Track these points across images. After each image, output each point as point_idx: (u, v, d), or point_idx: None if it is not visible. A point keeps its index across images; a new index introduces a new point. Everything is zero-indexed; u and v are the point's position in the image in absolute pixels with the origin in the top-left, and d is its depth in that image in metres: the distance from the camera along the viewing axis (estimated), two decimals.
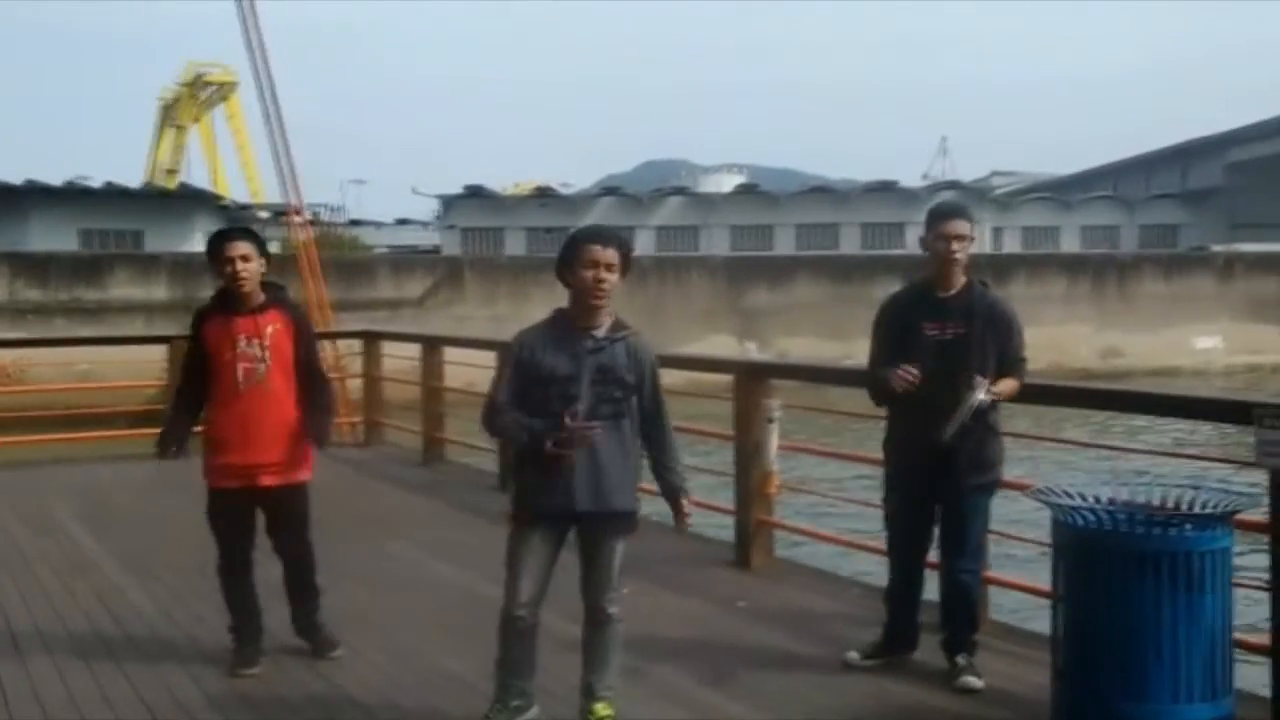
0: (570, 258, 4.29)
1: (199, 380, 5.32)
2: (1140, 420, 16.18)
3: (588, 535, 4.37)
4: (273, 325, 5.29)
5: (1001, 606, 6.28)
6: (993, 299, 5.03)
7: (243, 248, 5.25)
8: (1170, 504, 4.23)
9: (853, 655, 5.29)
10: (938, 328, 4.96)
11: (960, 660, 5.01)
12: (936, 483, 4.99)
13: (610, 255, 4.28)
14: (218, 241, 5.31)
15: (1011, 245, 53.85)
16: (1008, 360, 4.97)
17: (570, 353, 4.26)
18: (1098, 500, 4.27)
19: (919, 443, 4.92)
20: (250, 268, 5.24)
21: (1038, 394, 5.44)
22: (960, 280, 5.03)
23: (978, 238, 5.14)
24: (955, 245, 4.98)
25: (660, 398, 4.43)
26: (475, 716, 4.46)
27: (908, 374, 4.86)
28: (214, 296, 5.40)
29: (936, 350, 4.91)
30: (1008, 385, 4.93)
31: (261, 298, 5.31)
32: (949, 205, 5.27)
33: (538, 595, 4.33)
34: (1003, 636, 5.63)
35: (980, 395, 4.77)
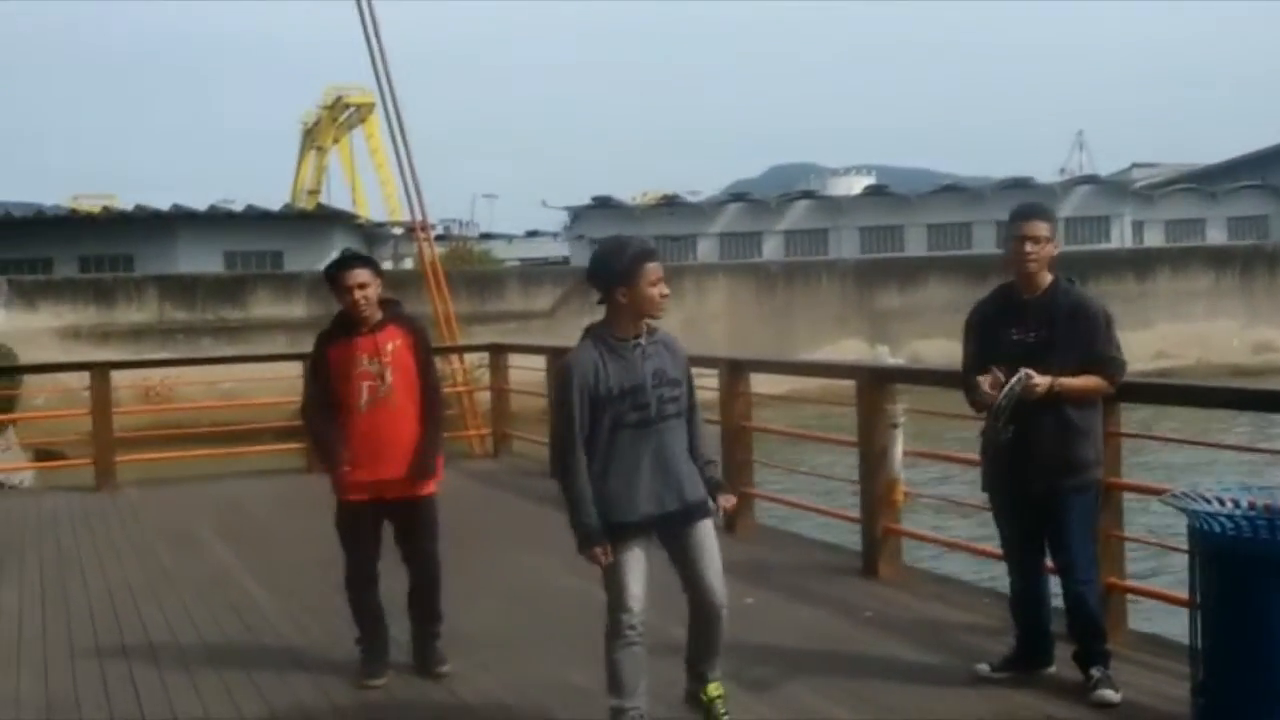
0: (632, 277, 4.32)
1: (325, 403, 5.41)
2: None
3: (676, 533, 4.42)
4: (392, 342, 5.38)
5: (1153, 615, 6.05)
6: (1076, 297, 4.85)
7: (360, 276, 5.34)
8: None
9: (983, 667, 5.13)
10: (1022, 331, 4.82)
11: (1095, 673, 4.81)
12: (1028, 487, 4.84)
13: (663, 270, 4.38)
14: (335, 270, 5.42)
15: (1154, 239, 52.28)
16: (1092, 358, 4.77)
17: (627, 364, 4.34)
18: (1236, 505, 4.07)
19: (1005, 448, 4.77)
20: (368, 294, 5.35)
21: (1135, 393, 5.27)
22: (1044, 281, 4.87)
23: (1058, 239, 4.98)
24: (1029, 246, 4.82)
25: (694, 389, 4.56)
26: None
27: (995, 379, 4.70)
28: (334, 319, 5.51)
29: (1022, 354, 4.75)
30: (1076, 381, 4.72)
31: (379, 316, 5.40)
32: (1025, 206, 5.10)
33: (645, 601, 4.37)
34: (1145, 647, 5.41)
35: (1008, 387, 4.61)
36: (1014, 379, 4.64)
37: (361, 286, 5.32)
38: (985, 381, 4.72)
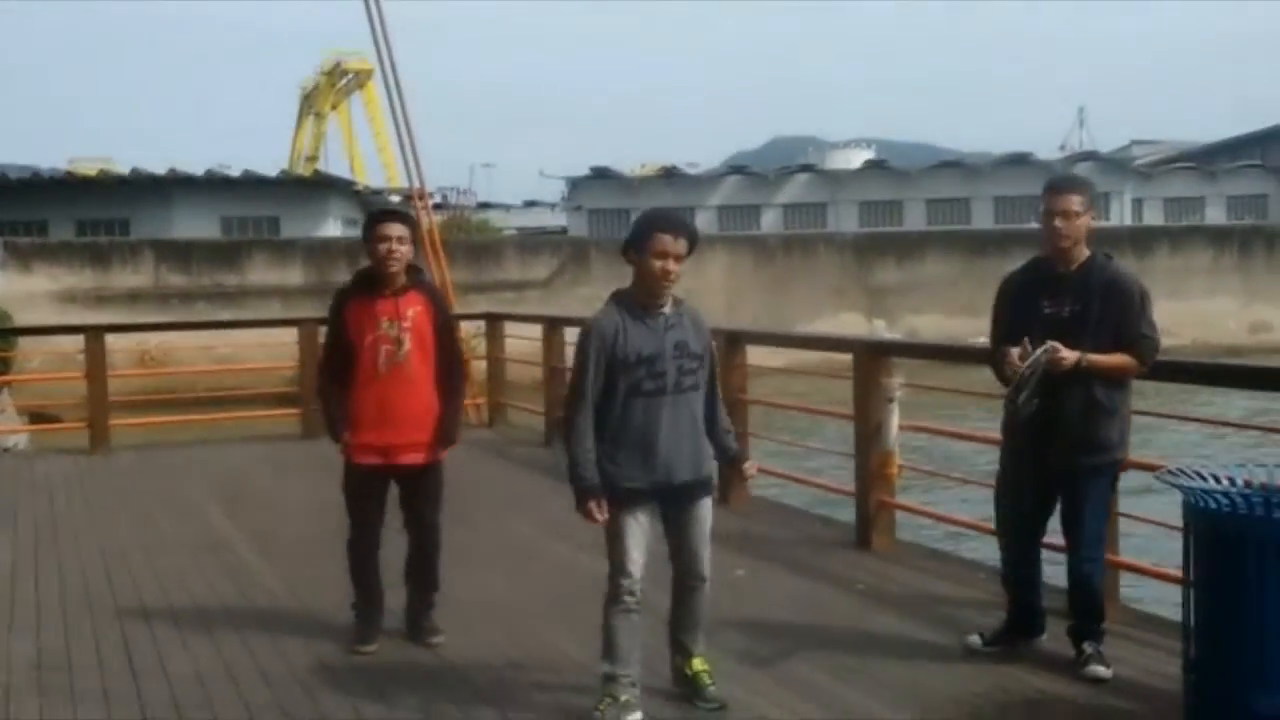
0: (641, 244, 4.35)
1: (342, 362, 5.36)
2: None
3: (679, 504, 4.47)
4: (414, 308, 5.34)
5: (1150, 595, 6.05)
6: (1113, 273, 4.79)
7: (399, 230, 5.30)
8: None
9: (974, 640, 5.15)
10: (1055, 305, 4.77)
11: (1087, 648, 4.82)
12: (1049, 463, 4.81)
13: (680, 246, 4.36)
14: (374, 222, 5.37)
15: (1153, 217, 52.14)
16: (1124, 336, 4.73)
17: (649, 332, 4.36)
18: (1232, 482, 4.06)
19: (1028, 423, 4.73)
20: (403, 250, 5.31)
21: (1168, 371, 5.22)
22: (1080, 255, 4.81)
23: (1099, 211, 4.93)
24: (1059, 222, 4.75)
25: (716, 365, 4.62)
26: (587, 694, 4.48)
27: (1026, 351, 4.67)
28: (354, 278, 5.46)
29: (1054, 328, 4.70)
30: (1106, 358, 4.66)
31: (403, 280, 5.36)
32: (1058, 178, 5.07)
33: (645, 569, 4.39)
34: (1137, 624, 5.42)
35: (1033, 358, 4.57)
36: (1039, 350, 4.59)
37: (399, 240, 5.29)
38: (1015, 353, 4.67)
